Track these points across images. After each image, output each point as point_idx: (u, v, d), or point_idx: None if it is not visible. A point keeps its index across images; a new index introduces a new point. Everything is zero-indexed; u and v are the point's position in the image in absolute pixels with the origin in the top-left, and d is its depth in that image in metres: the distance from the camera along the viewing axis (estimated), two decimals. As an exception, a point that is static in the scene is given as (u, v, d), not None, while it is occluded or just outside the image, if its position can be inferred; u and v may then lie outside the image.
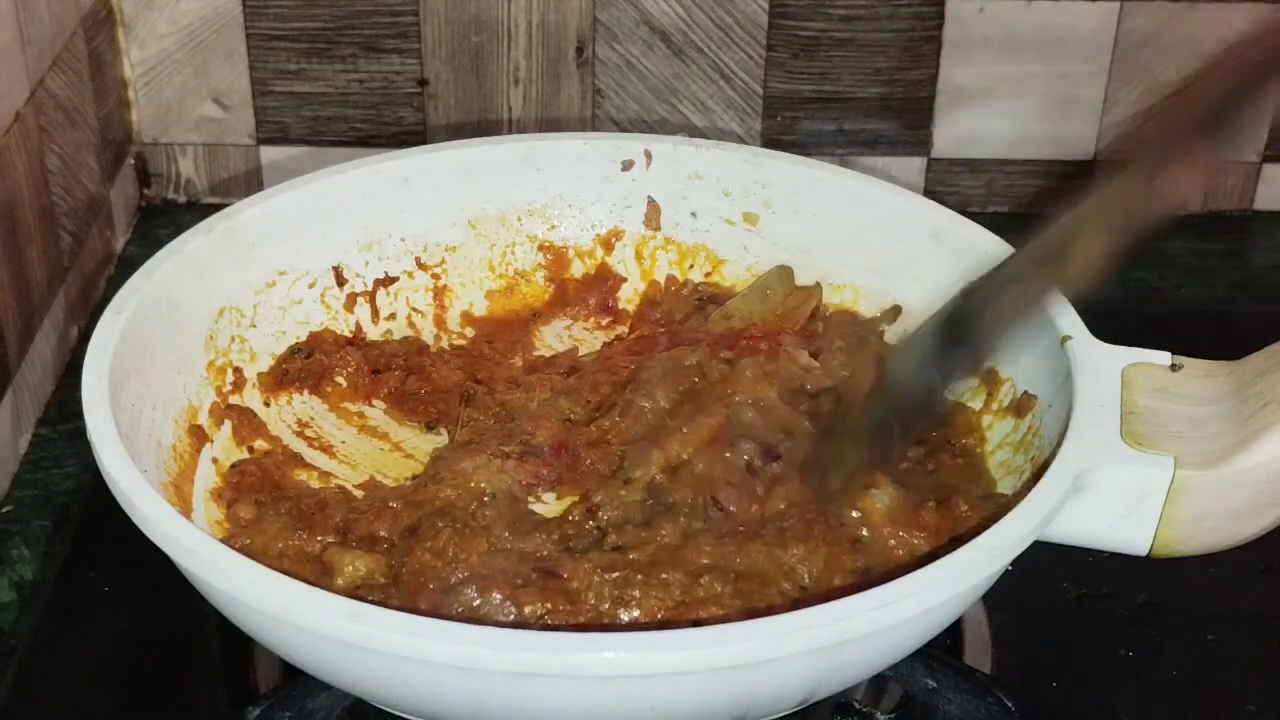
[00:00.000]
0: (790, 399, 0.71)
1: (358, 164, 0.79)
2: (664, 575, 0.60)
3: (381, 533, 0.64)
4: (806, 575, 0.62)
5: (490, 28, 1.00)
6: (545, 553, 0.63)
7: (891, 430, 0.67)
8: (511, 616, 0.58)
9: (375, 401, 0.76)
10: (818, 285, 0.81)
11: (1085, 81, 1.01)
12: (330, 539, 0.64)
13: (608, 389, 0.74)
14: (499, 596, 0.59)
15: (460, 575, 0.60)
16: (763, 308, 0.79)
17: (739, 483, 0.66)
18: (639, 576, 0.60)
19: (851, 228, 0.79)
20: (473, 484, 0.66)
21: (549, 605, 0.59)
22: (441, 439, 0.74)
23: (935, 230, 0.76)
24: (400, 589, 0.61)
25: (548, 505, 0.68)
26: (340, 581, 0.61)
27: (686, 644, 0.52)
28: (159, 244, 0.73)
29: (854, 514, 0.64)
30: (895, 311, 0.78)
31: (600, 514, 0.65)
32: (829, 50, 1.01)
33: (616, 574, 0.60)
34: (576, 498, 0.67)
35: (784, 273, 0.81)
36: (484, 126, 1.02)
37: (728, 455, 0.67)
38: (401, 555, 0.63)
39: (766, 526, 0.63)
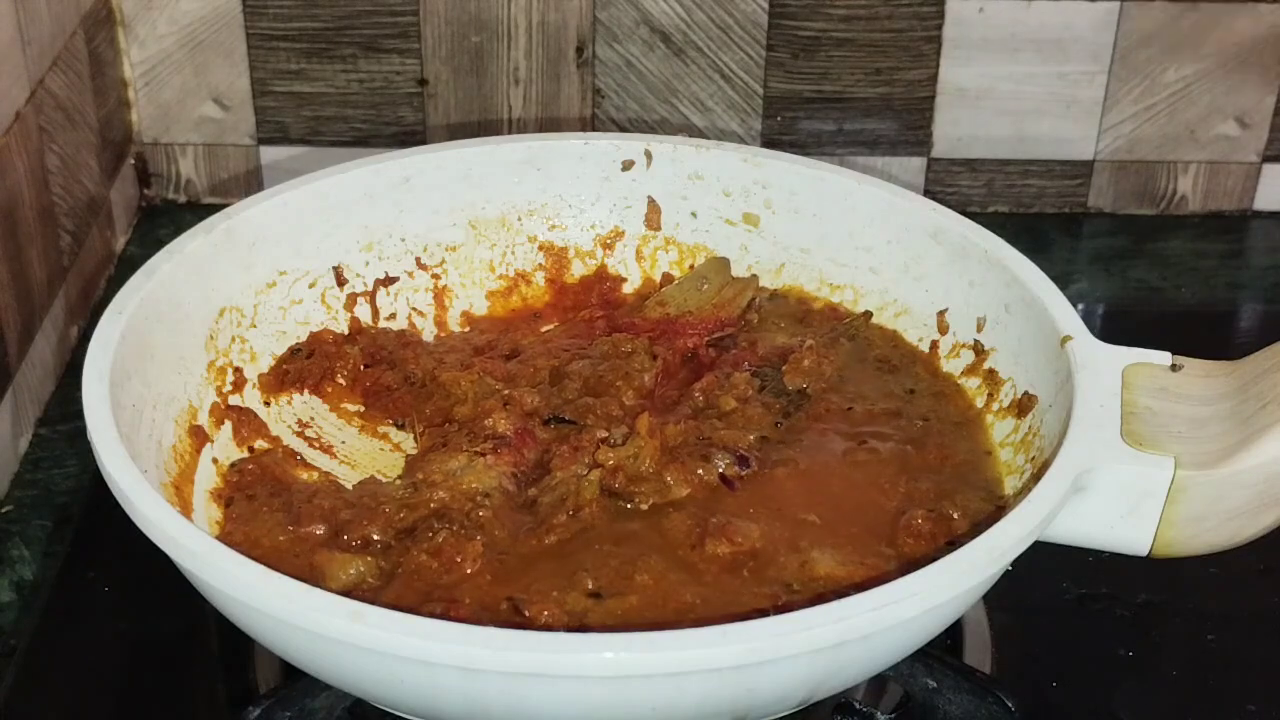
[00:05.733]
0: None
1: (358, 164, 0.79)
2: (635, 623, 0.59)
3: (375, 535, 0.64)
4: None
5: (490, 28, 1.00)
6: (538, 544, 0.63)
7: None
8: None
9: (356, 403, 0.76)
10: (754, 276, 0.81)
11: (1085, 81, 1.01)
12: (320, 528, 0.64)
13: (547, 374, 0.74)
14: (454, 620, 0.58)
15: (448, 579, 0.61)
16: (698, 296, 0.79)
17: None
18: (606, 623, 0.59)
19: (851, 228, 0.79)
20: (465, 486, 0.66)
21: None
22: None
23: (935, 230, 0.76)
24: (394, 591, 0.61)
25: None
26: (333, 586, 0.61)
27: (686, 644, 0.52)
28: (159, 244, 0.73)
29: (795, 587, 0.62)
30: (868, 314, 0.78)
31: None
32: (829, 50, 1.01)
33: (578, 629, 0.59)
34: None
35: (720, 263, 0.82)
36: (484, 126, 1.02)
37: (700, 472, 0.67)
38: (397, 557, 0.63)
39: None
